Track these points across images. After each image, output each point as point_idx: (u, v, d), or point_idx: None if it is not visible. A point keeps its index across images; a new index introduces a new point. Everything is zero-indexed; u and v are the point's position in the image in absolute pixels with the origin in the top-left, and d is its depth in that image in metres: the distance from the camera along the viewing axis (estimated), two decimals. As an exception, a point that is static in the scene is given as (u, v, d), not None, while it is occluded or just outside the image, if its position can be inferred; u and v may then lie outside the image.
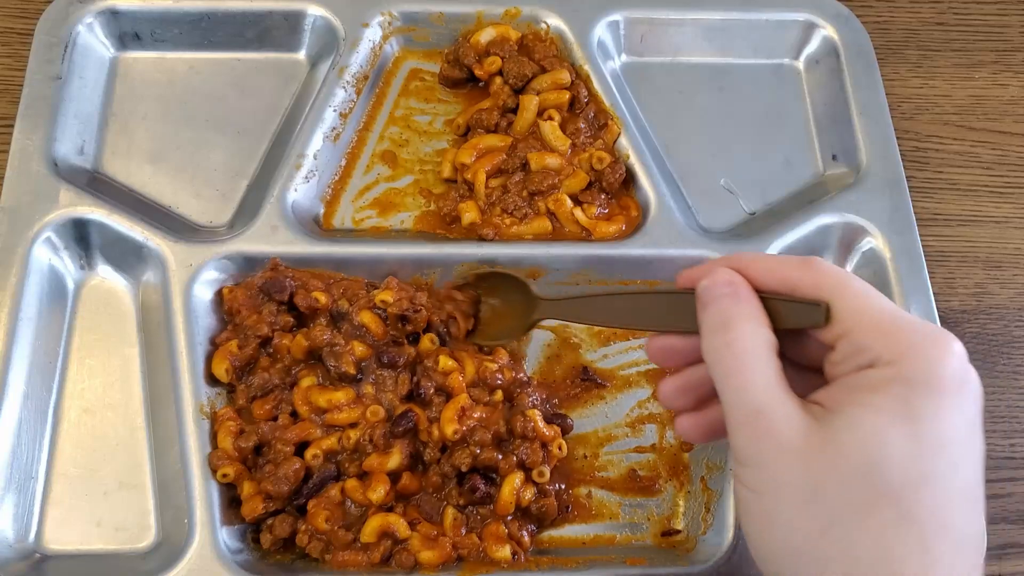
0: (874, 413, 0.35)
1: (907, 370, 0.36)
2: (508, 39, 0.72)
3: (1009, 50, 0.79)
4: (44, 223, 0.61)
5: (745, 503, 0.38)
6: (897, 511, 0.34)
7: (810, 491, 0.36)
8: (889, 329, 0.37)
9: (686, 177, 0.71)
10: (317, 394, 0.58)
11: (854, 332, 0.37)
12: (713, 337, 0.39)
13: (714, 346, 0.39)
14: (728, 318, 0.39)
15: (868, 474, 0.35)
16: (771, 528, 0.37)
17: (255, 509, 0.55)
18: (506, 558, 0.55)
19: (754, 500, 0.37)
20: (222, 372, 0.59)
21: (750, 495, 0.38)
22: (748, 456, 0.37)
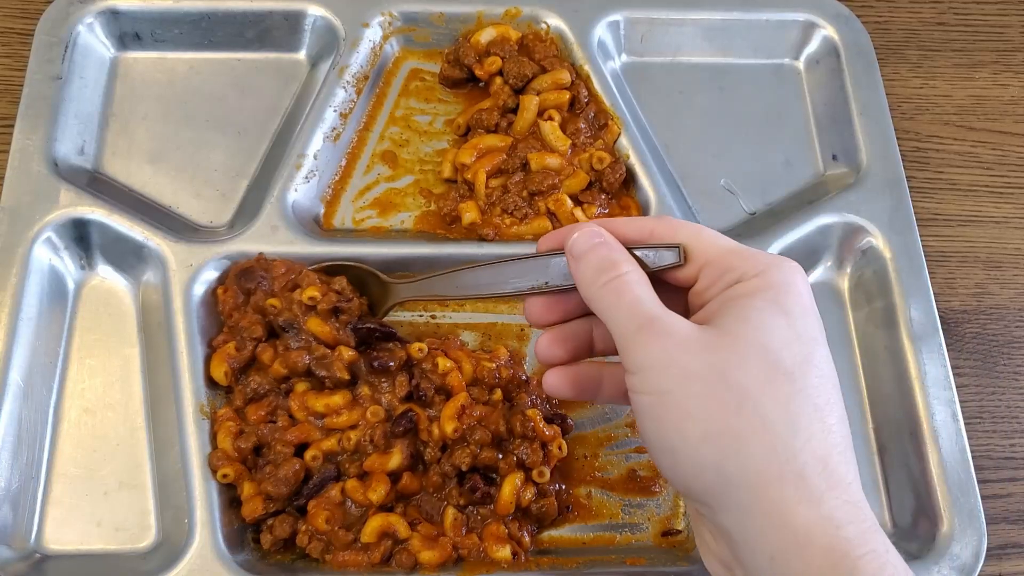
0: (757, 309, 0.40)
1: (772, 279, 0.41)
2: (508, 39, 0.72)
3: (1009, 50, 0.79)
4: (44, 223, 0.61)
5: (652, 408, 0.40)
6: (793, 386, 0.38)
7: (716, 376, 0.38)
8: (746, 254, 0.42)
9: (686, 177, 0.71)
10: (314, 399, 0.57)
11: (716, 260, 0.42)
12: (595, 280, 0.42)
13: (597, 286, 0.42)
14: (605, 261, 0.43)
15: (764, 356, 0.39)
16: (685, 421, 0.38)
17: (255, 510, 0.55)
18: (506, 558, 0.55)
19: (662, 401, 0.39)
20: (221, 375, 0.58)
21: (657, 398, 0.40)
22: (649, 360, 0.40)
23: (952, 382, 0.62)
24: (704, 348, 0.39)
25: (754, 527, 0.38)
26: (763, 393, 0.38)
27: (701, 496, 0.40)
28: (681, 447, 0.39)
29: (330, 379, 0.57)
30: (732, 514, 0.38)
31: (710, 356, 0.39)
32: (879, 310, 0.65)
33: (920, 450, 0.60)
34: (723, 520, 0.39)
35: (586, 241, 0.44)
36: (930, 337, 0.63)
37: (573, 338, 0.47)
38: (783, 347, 0.39)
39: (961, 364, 0.66)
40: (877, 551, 0.37)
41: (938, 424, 0.60)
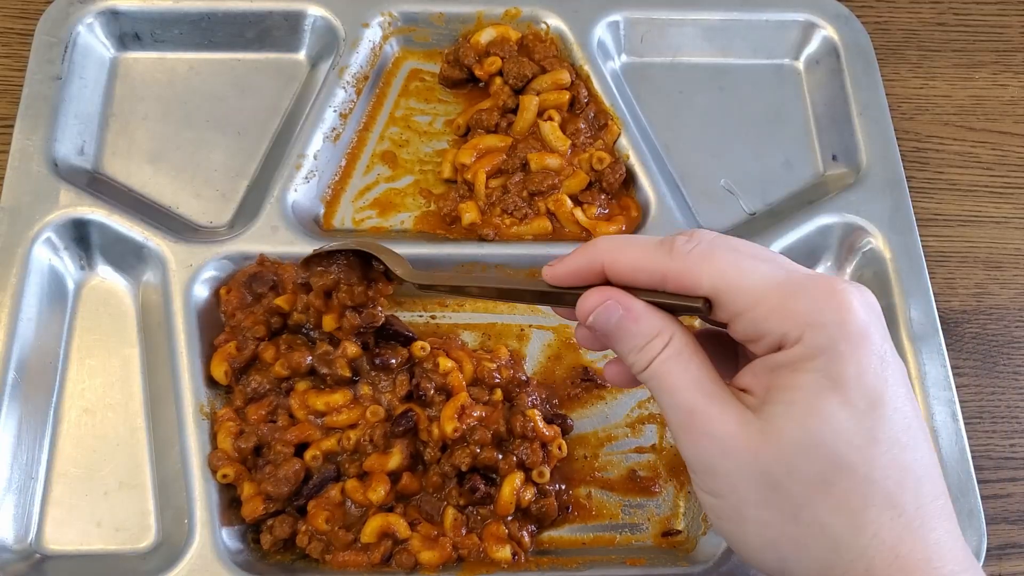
0: (803, 393, 0.36)
1: (817, 342, 0.36)
2: (508, 39, 0.72)
3: (1009, 50, 0.79)
4: (44, 223, 0.61)
5: (711, 508, 0.38)
6: (854, 478, 0.35)
7: (767, 484, 0.36)
8: (777, 305, 0.37)
9: (686, 177, 0.71)
10: (314, 397, 0.58)
11: (745, 314, 0.37)
12: (637, 362, 0.39)
13: (639, 366, 0.39)
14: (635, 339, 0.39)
15: (816, 452, 0.35)
16: (743, 526, 0.37)
17: (255, 510, 0.55)
18: (506, 558, 0.55)
19: (718, 504, 0.38)
20: (221, 374, 0.59)
21: (712, 500, 0.38)
22: (698, 463, 0.38)
23: (952, 382, 0.62)
24: (748, 451, 0.36)
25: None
26: (819, 497, 0.35)
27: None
28: (743, 548, 0.38)
29: (332, 376, 0.57)
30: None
31: (756, 460, 0.36)
32: (879, 310, 0.65)
33: (920, 450, 0.60)
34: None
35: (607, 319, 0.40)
36: (930, 337, 0.63)
37: None
38: (839, 435, 0.35)
39: (961, 364, 0.66)
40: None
41: (938, 424, 0.60)
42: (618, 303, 0.40)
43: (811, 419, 0.35)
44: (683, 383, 0.38)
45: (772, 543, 0.36)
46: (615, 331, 0.40)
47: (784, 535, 0.36)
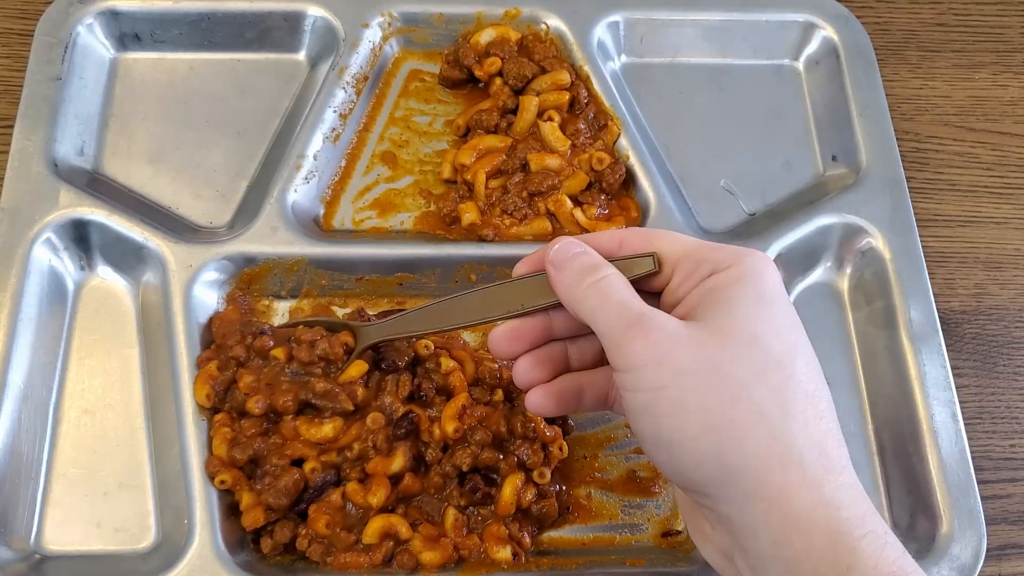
0: (740, 300, 0.41)
1: (747, 268, 0.42)
2: (508, 40, 0.72)
3: (1009, 51, 0.79)
4: (44, 224, 0.61)
5: (648, 406, 0.40)
6: (783, 374, 0.39)
7: (711, 370, 0.39)
8: (715, 247, 0.43)
9: (686, 178, 0.71)
10: (305, 430, 0.56)
11: (687, 255, 0.43)
12: (579, 283, 0.43)
13: (582, 289, 0.43)
14: (587, 266, 0.44)
15: (755, 346, 0.39)
16: (685, 414, 0.39)
17: (256, 520, 0.55)
18: (507, 559, 0.55)
19: (657, 397, 0.40)
20: (203, 397, 0.57)
21: (652, 395, 0.40)
22: (642, 357, 0.40)
23: (952, 383, 0.62)
24: (696, 342, 0.40)
25: (756, 513, 0.38)
26: (757, 383, 0.39)
27: (701, 487, 0.40)
28: (680, 440, 0.39)
29: (334, 411, 0.56)
30: (733, 502, 0.39)
31: (702, 350, 0.39)
32: (879, 311, 0.65)
33: (920, 451, 0.60)
34: (724, 509, 0.40)
35: (566, 251, 0.44)
36: (930, 338, 0.63)
37: (549, 359, 0.48)
38: (771, 337, 0.40)
39: (961, 365, 0.66)
40: (876, 532, 0.38)
41: (938, 425, 0.60)
42: (579, 242, 0.45)
43: (751, 319, 0.40)
44: (632, 297, 0.42)
45: (712, 428, 0.38)
46: (570, 262, 0.44)
47: (724, 419, 0.38)
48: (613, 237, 0.46)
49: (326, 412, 0.56)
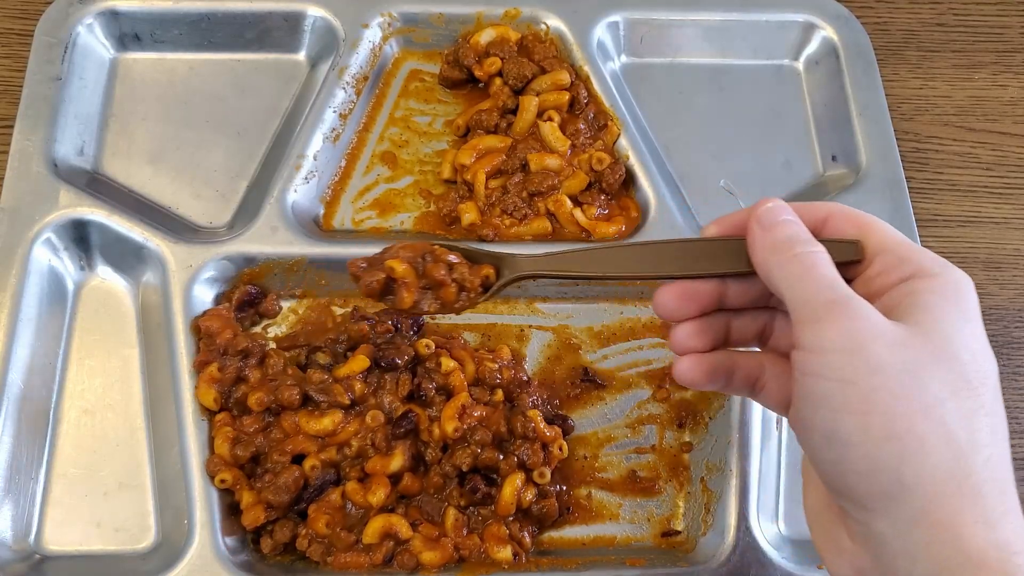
0: (947, 313, 0.38)
1: (954, 279, 0.39)
2: (508, 40, 0.72)
3: (1009, 51, 0.79)
4: (44, 224, 0.61)
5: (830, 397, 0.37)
6: (976, 402, 0.37)
7: (909, 375, 0.36)
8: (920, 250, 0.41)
9: (686, 178, 0.71)
10: (305, 423, 0.57)
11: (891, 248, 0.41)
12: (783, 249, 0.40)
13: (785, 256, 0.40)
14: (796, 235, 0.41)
15: (953, 363, 0.37)
16: (869, 416, 0.36)
17: (257, 519, 0.55)
18: (507, 559, 0.55)
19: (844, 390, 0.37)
20: (210, 401, 0.57)
21: (838, 386, 0.37)
22: (836, 343, 0.37)
23: (952, 383, 0.62)
24: (898, 342, 0.37)
25: (921, 539, 0.36)
26: (950, 403, 0.36)
27: (864, 498, 0.37)
28: (859, 443, 0.36)
29: (329, 404, 0.57)
30: (897, 522, 0.36)
31: (903, 352, 0.37)
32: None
33: (920, 451, 0.60)
34: (881, 527, 0.37)
35: (777, 213, 0.42)
36: (930, 338, 0.63)
37: (711, 329, 0.45)
38: (971, 359, 0.38)
39: (961, 365, 0.66)
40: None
41: (938, 425, 0.60)
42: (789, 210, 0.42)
43: (954, 336, 0.38)
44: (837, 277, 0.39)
45: (898, 436, 0.36)
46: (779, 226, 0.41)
47: (912, 430, 0.36)
48: (820, 210, 0.43)
49: (323, 405, 0.56)
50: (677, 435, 0.62)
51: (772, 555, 0.57)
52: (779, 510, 0.60)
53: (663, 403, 0.63)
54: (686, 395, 0.63)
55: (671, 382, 0.63)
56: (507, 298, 0.65)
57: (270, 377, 0.58)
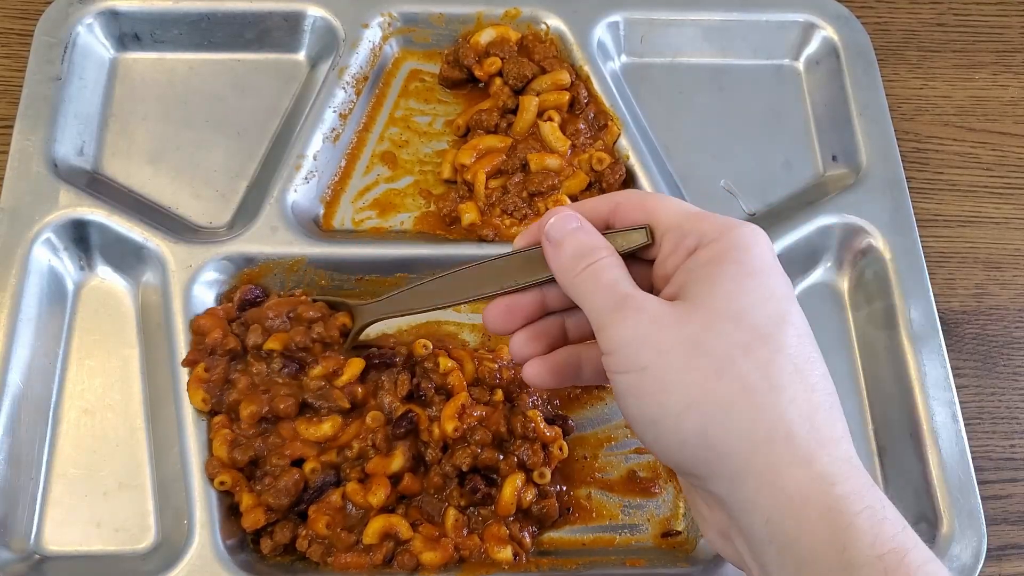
0: (723, 275, 0.40)
1: (733, 240, 0.41)
2: (508, 40, 0.72)
3: (1009, 51, 0.79)
4: (44, 224, 0.61)
5: (631, 386, 0.40)
6: (770, 347, 0.38)
7: (693, 346, 0.38)
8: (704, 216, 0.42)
9: (686, 178, 0.71)
10: (304, 429, 0.56)
11: (675, 227, 0.43)
12: (574, 267, 0.43)
13: (575, 272, 0.42)
14: (582, 246, 0.43)
15: (739, 321, 0.39)
16: (667, 393, 0.38)
17: (257, 521, 0.55)
18: (507, 559, 0.55)
19: (640, 377, 0.39)
20: (199, 402, 0.57)
21: (635, 375, 0.39)
22: (624, 338, 0.40)
23: (952, 383, 0.62)
24: (677, 321, 0.39)
25: (746, 492, 0.37)
26: (741, 357, 0.38)
27: (690, 467, 0.39)
28: (663, 419, 0.39)
29: (330, 410, 0.57)
30: (723, 481, 0.38)
31: (684, 328, 0.39)
32: (879, 311, 0.65)
33: (920, 451, 0.60)
34: (715, 488, 0.39)
35: (562, 227, 0.44)
36: (930, 338, 0.63)
37: (546, 333, 0.47)
38: (756, 309, 0.39)
39: (961, 365, 0.66)
40: (873, 507, 0.36)
41: (938, 425, 0.60)
42: (577, 216, 0.44)
43: (734, 294, 0.39)
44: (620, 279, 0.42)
45: (695, 404, 0.38)
46: (567, 238, 0.43)
47: (708, 394, 0.38)
48: (608, 202, 0.45)
49: (323, 411, 0.56)
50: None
51: (772, 555, 0.57)
52: (779, 510, 0.60)
53: (663, 403, 0.63)
54: (686, 395, 0.63)
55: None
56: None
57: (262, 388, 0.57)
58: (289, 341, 0.58)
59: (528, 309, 0.47)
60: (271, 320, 0.59)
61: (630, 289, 0.41)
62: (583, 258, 0.42)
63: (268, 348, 0.58)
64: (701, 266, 0.40)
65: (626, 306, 0.40)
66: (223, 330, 0.59)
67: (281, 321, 0.59)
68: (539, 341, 0.47)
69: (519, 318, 0.47)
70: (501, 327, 0.47)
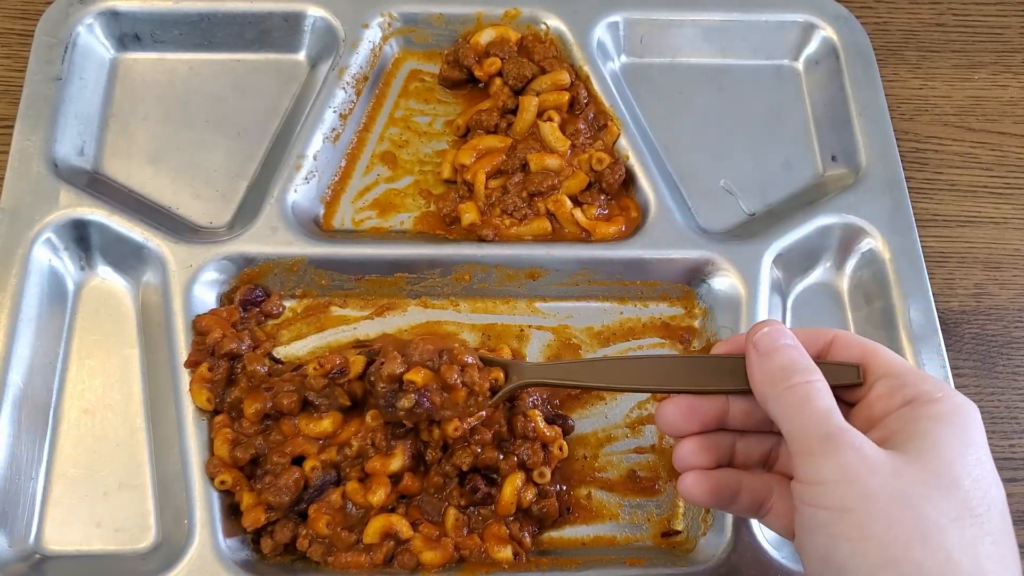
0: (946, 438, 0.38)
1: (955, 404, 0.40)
2: (508, 40, 0.72)
3: (1008, 51, 0.80)
4: (44, 224, 0.61)
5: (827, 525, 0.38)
6: (979, 527, 0.37)
7: (903, 503, 0.37)
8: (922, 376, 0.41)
9: (686, 178, 0.71)
10: (304, 425, 0.57)
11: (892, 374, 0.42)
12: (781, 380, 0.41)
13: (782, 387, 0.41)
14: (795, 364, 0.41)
15: (955, 491, 0.37)
16: (865, 543, 0.37)
17: (257, 520, 0.55)
18: (507, 559, 0.55)
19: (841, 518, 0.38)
20: (203, 401, 0.58)
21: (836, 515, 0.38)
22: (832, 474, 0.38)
23: (951, 383, 0.62)
24: (892, 472, 0.38)
25: None
26: (950, 528, 0.36)
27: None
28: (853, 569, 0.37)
29: (330, 407, 0.57)
30: None
31: (898, 481, 0.37)
32: (878, 311, 0.65)
33: (920, 451, 0.60)
34: None
35: (774, 339, 0.42)
36: (929, 338, 0.63)
37: (716, 447, 0.46)
38: (971, 483, 0.38)
39: (960, 365, 0.66)
40: None
41: (937, 425, 0.60)
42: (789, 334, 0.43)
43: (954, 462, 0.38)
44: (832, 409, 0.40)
45: (893, 563, 0.36)
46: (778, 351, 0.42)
47: (908, 558, 0.36)
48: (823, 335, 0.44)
49: (323, 408, 0.56)
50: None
51: (772, 555, 0.57)
52: (779, 510, 0.60)
53: (663, 403, 0.63)
54: (686, 395, 0.63)
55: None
56: (507, 298, 0.66)
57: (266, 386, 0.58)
58: (433, 380, 0.53)
59: (708, 415, 0.45)
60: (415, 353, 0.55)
61: (843, 423, 0.39)
62: (793, 375, 0.41)
63: (408, 379, 0.53)
64: (920, 420, 0.39)
65: (841, 441, 0.39)
66: (224, 330, 0.59)
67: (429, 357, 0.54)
68: (707, 453, 0.45)
69: (697, 423, 0.45)
70: (676, 426, 0.46)
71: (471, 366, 0.53)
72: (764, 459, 0.47)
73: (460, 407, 0.53)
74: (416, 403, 0.52)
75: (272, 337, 0.63)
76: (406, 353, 0.54)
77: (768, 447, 0.46)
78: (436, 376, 0.53)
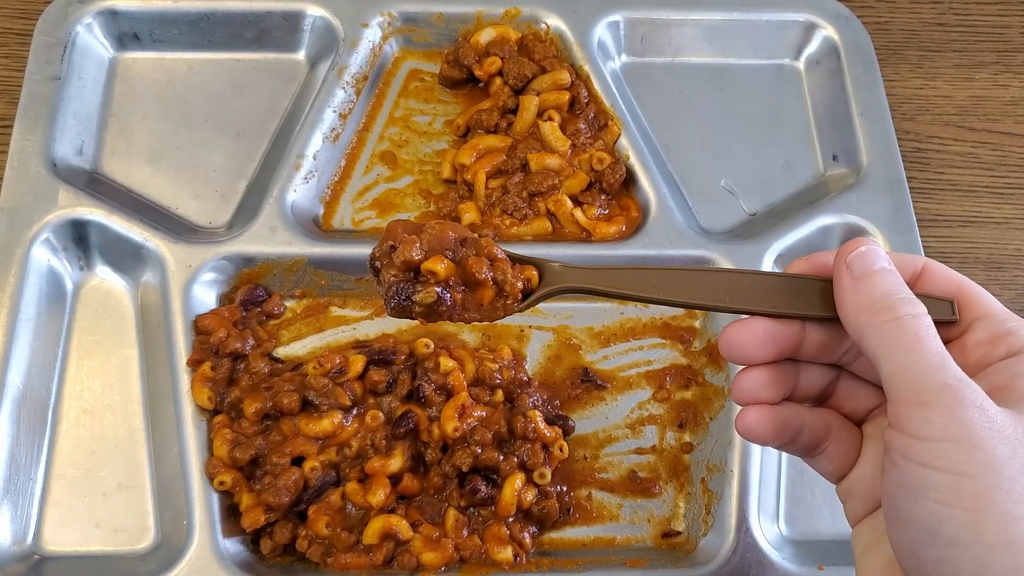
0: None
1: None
2: (508, 39, 0.71)
3: (1009, 51, 0.79)
4: (43, 224, 0.61)
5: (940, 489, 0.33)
6: None
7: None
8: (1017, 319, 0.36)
9: (686, 178, 0.71)
10: (304, 425, 0.57)
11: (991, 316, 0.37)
12: (881, 310, 0.36)
13: (883, 318, 0.36)
14: (896, 293, 0.36)
15: None
16: (986, 515, 0.32)
17: (256, 521, 0.55)
18: (507, 559, 0.55)
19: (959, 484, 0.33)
20: (205, 400, 0.58)
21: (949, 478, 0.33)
22: (949, 432, 0.33)
23: (953, 383, 0.62)
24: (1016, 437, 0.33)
25: None
26: None
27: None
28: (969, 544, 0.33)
29: (331, 407, 0.57)
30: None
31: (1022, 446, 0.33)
32: (879, 311, 0.65)
33: (921, 451, 0.60)
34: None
35: (870, 262, 0.37)
36: (930, 338, 0.63)
37: (784, 381, 0.40)
38: None
39: (961, 365, 0.66)
40: None
41: (939, 425, 0.60)
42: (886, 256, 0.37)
43: None
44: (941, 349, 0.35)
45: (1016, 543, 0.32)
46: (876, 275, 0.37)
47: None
48: (914, 262, 0.39)
49: (323, 407, 0.56)
50: (677, 435, 0.62)
51: (773, 556, 0.57)
52: (780, 511, 0.60)
53: (663, 403, 0.63)
54: (686, 395, 0.63)
55: (671, 383, 0.63)
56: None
57: (266, 385, 0.58)
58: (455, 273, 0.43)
59: (786, 344, 0.39)
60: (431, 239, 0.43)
61: (962, 374, 0.34)
62: (895, 307, 0.36)
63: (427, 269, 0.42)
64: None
65: (962, 395, 0.33)
66: (227, 330, 0.59)
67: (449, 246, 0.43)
68: (776, 387, 0.40)
69: (772, 351, 0.39)
70: (747, 352, 0.39)
71: (502, 260, 0.43)
72: (824, 393, 0.42)
73: (485, 309, 0.43)
74: (438, 299, 0.42)
75: (273, 337, 0.62)
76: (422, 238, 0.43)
77: (827, 381, 0.41)
78: (459, 269, 0.43)
